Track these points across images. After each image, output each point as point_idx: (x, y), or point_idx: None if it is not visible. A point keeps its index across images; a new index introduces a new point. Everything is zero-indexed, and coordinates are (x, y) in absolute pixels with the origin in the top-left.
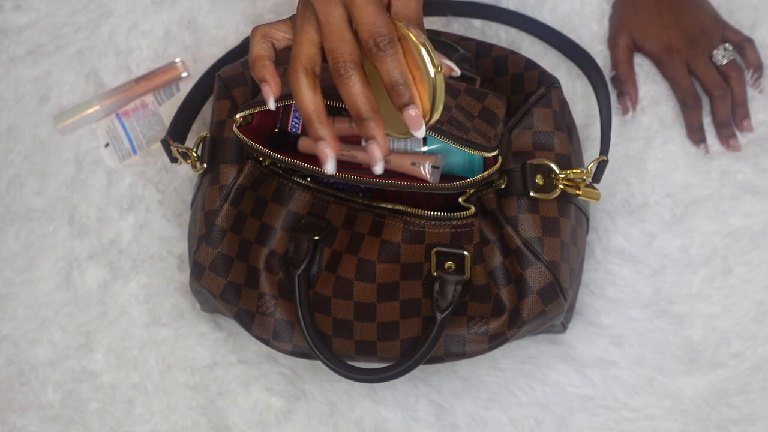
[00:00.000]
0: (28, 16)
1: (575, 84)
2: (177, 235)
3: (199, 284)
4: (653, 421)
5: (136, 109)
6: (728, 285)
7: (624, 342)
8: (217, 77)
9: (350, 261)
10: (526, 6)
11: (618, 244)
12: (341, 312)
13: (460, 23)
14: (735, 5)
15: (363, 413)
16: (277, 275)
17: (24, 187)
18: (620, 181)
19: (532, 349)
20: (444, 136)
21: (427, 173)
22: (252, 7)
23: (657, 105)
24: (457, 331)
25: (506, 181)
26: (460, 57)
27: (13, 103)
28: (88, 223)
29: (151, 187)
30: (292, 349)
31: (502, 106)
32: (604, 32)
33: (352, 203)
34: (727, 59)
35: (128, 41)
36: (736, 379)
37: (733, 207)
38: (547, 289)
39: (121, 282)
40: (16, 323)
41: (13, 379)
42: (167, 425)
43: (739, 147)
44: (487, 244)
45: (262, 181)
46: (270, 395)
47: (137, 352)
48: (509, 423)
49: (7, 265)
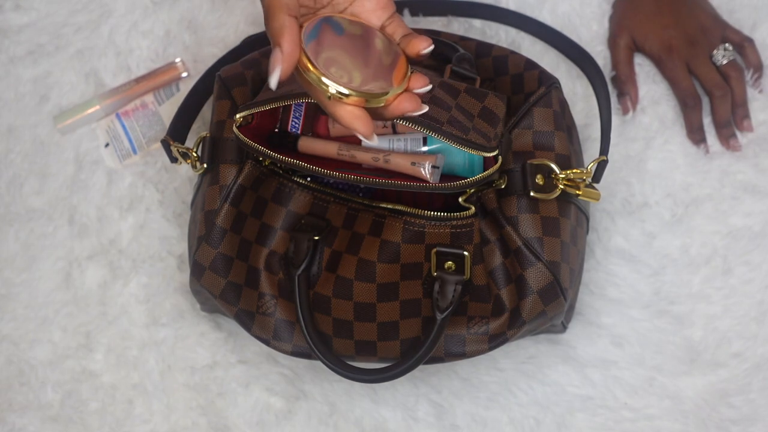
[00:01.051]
0: (28, 16)
1: (575, 84)
2: (177, 235)
3: (199, 284)
4: (653, 421)
5: (136, 109)
6: (728, 285)
7: (624, 342)
8: (217, 77)
9: (350, 261)
10: (526, 6)
11: (618, 244)
12: (341, 312)
13: (460, 23)
14: (735, 5)
15: (363, 413)
16: (277, 275)
17: (24, 187)
18: (620, 181)
19: (532, 349)
20: (444, 136)
21: (427, 173)
22: (252, 7)
23: (657, 105)
24: (457, 331)
25: (506, 181)
26: (460, 57)
27: (13, 103)
28: (88, 223)
29: (151, 187)
30: (292, 349)
31: (502, 105)
32: (604, 32)
33: (352, 203)
34: (727, 59)
35: (128, 41)
36: (736, 379)
37: (733, 207)
38: (547, 289)
39: (121, 282)
40: (16, 323)
41: (13, 379)
42: (167, 425)
43: (739, 147)
44: (487, 244)
45: (262, 181)
46: (270, 395)
47: (137, 352)
48: (509, 423)
49: (7, 265)
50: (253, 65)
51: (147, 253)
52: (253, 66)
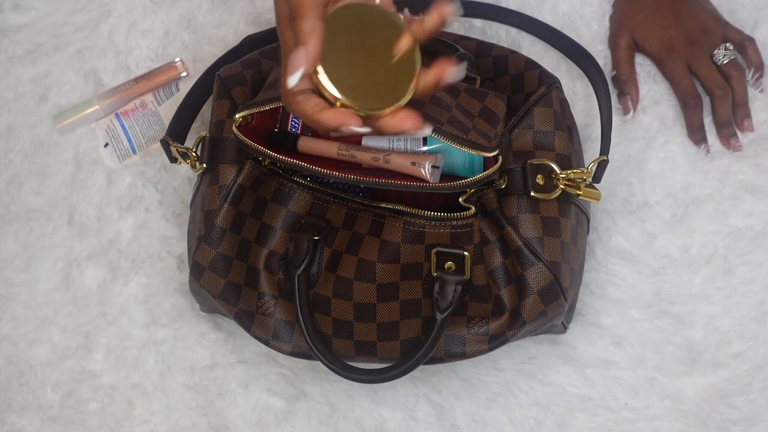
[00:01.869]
0: (28, 16)
1: (575, 84)
2: (176, 235)
3: (198, 284)
4: (654, 421)
5: (135, 109)
6: (729, 285)
7: (624, 342)
8: (217, 77)
9: (350, 261)
10: (526, 5)
11: (618, 244)
12: (341, 312)
13: (460, 23)
14: (736, 4)
15: (363, 413)
16: (277, 275)
17: (23, 187)
18: (621, 181)
19: (533, 350)
20: (444, 136)
21: (427, 173)
22: (252, 6)
23: (658, 105)
24: (457, 331)
25: (507, 181)
26: (460, 57)
27: (13, 103)
28: (87, 223)
29: (150, 187)
30: (292, 350)
31: (503, 105)
32: (605, 32)
33: (352, 203)
34: (727, 59)
35: (128, 41)
36: (736, 380)
37: (734, 207)
38: (547, 290)
39: (121, 282)
40: (16, 323)
41: (13, 379)
42: (167, 425)
43: (739, 147)
44: (487, 244)
45: (262, 180)
46: (270, 395)
47: (137, 352)
48: (509, 423)
49: (7, 265)
50: (253, 65)
51: (146, 253)
52: (253, 66)
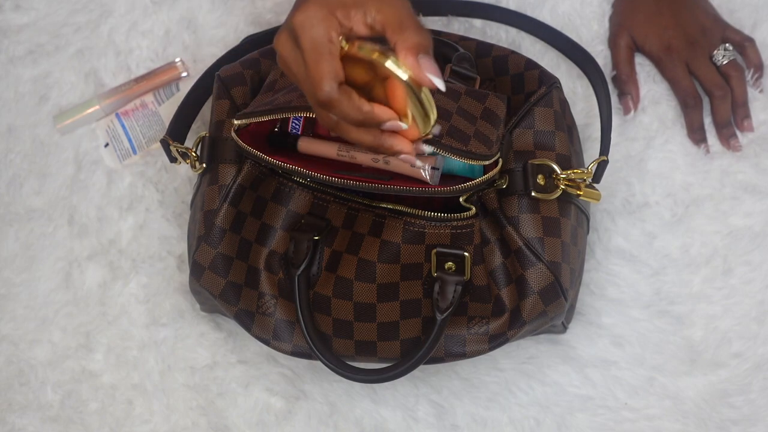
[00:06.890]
0: (28, 16)
1: (575, 84)
2: (177, 235)
3: (198, 284)
4: (654, 421)
5: (135, 109)
6: (729, 285)
7: (624, 342)
8: (217, 77)
9: (350, 261)
10: (526, 6)
11: (618, 244)
12: (341, 312)
13: (460, 23)
14: (736, 5)
15: (363, 413)
16: (277, 275)
17: (23, 187)
18: (621, 181)
19: (533, 349)
20: (443, 149)
21: (427, 174)
22: (252, 6)
23: (657, 105)
24: (457, 331)
25: (507, 181)
26: (460, 57)
27: (13, 103)
28: (87, 223)
29: (150, 187)
30: (292, 349)
31: (503, 106)
32: (605, 32)
33: (353, 203)
34: (727, 59)
35: (128, 41)
36: (736, 380)
37: (734, 207)
38: (547, 290)
39: (121, 282)
40: (16, 323)
41: (13, 379)
42: (167, 425)
43: (739, 147)
44: (487, 244)
45: (262, 180)
46: (270, 395)
47: (137, 352)
48: (509, 423)
49: (7, 265)
50: (253, 65)
51: (147, 253)
52: (253, 66)
